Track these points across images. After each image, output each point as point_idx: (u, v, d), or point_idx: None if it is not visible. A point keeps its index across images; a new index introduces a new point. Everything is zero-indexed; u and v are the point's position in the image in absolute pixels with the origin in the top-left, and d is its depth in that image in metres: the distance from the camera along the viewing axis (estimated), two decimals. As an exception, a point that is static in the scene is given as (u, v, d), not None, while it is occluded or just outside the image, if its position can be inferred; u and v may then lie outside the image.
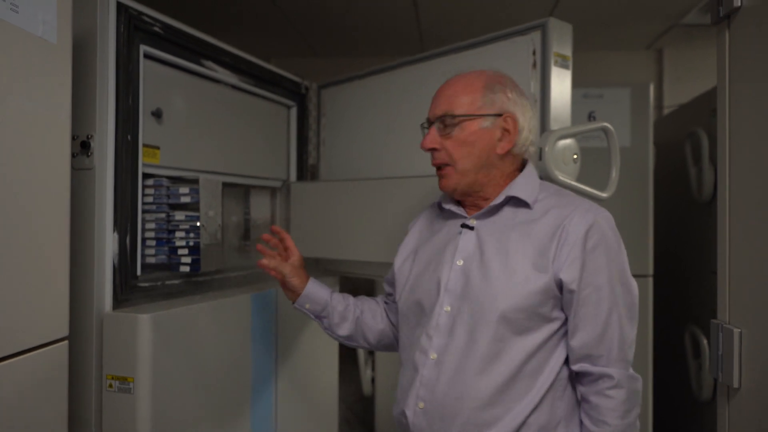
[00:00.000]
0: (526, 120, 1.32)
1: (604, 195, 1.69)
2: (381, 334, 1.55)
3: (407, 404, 1.30)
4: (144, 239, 1.67)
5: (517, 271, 1.23)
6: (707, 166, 2.44)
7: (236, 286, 1.95)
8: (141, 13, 1.56)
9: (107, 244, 1.48)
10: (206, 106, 1.88)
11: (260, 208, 2.24)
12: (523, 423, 1.21)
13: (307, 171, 2.40)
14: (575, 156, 1.67)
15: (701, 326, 2.48)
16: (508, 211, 1.31)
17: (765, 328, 1.23)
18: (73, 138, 1.44)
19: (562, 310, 1.25)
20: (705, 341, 2.42)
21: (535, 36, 1.68)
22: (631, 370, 1.24)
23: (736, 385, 1.28)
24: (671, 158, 2.90)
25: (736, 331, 1.28)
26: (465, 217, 1.35)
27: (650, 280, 2.52)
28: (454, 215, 1.38)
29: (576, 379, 1.26)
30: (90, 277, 1.47)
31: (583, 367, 1.22)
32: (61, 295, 1.25)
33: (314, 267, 2.39)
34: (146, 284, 1.61)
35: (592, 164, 1.90)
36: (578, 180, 1.66)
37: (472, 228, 1.32)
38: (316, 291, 1.53)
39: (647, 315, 2.51)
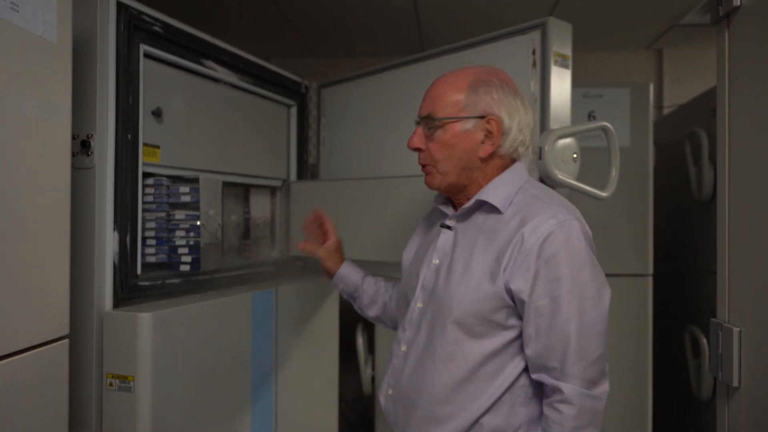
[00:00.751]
0: (515, 121, 1.27)
1: (603, 194, 1.69)
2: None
3: (381, 389, 1.40)
4: (144, 238, 1.67)
5: (473, 277, 1.23)
6: (707, 166, 2.44)
7: (236, 285, 1.95)
8: (141, 13, 1.56)
9: (107, 243, 1.48)
10: (206, 105, 1.88)
11: (260, 207, 2.24)
12: (476, 422, 1.22)
13: (307, 170, 2.40)
14: (575, 155, 1.67)
15: (701, 326, 2.48)
16: (480, 215, 1.30)
17: (764, 327, 1.23)
18: (74, 137, 1.44)
19: (519, 318, 1.22)
20: (704, 341, 2.42)
21: (535, 35, 1.68)
22: (591, 390, 1.16)
23: (735, 384, 1.28)
24: (671, 158, 2.90)
25: (736, 330, 1.28)
26: (446, 215, 1.38)
27: (650, 279, 2.52)
28: (444, 213, 1.40)
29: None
30: (90, 276, 1.47)
31: (540, 377, 1.20)
32: (62, 293, 1.25)
33: (314, 266, 2.39)
34: (146, 283, 1.61)
35: (592, 164, 1.90)
36: (578, 179, 1.66)
37: (450, 228, 1.34)
38: (349, 274, 1.63)
39: (647, 315, 2.51)
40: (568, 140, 1.65)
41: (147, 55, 1.61)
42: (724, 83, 1.42)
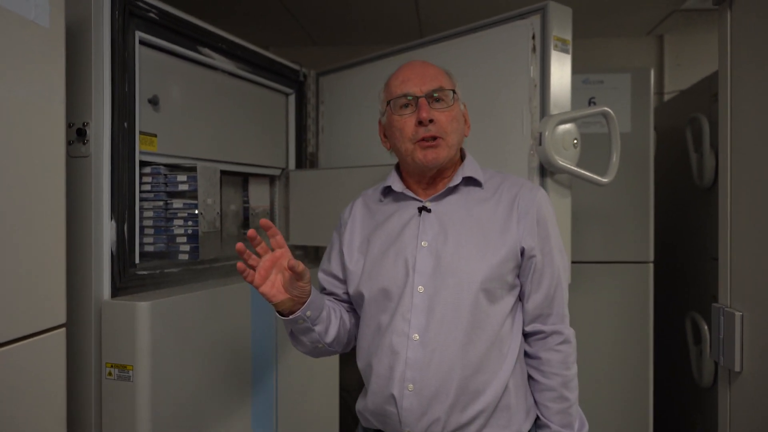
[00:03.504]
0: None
1: (604, 180, 1.68)
2: (350, 333, 1.46)
3: (393, 390, 1.27)
4: (142, 227, 1.66)
5: (489, 243, 1.32)
6: (708, 152, 2.43)
7: (235, 274, 1.94)
8: (136, -1, 1.55)
9: (105, 232, 1.47)
10: (204, 93, 1.86)
11: (259, 196, 2.23)
12: (506, 387, 1.29)
13: (305, 159, 2.39)
14: (575, 141, 1.65)
15: (702, 312, 2.48)
16: (463, 191, 1.39)
17: (766, 312, 1.22)
18: (69, 125, 1.43)
19: (518, 277, 1.35)
20: (705, 327, 2.42)
21: (535, 20, 1.67)
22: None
23: (737, 368, 1.28)
24: (672, 144, 2.88)
25: (738, 314, 1.28)
26: (418, 200, 1.39)
27: (650, 266, 2.51)
28: (404, 198, 1.41)
29: (525, 339, 1.36)
30: (88, 265, 1.46)
31: (536, 327, 1.34)
32: (58, 282, 1.24)
33: (313, 256, 2.39)
34: (145, 272, 1.61)
35: (593, 150, 1.89)
36: (578, 165, 1.65)
37: (429, 210, 1.37)
38: (315, 294, 1.33)
39: (648, 301, 2.50)
40: (568, 126, 1.64)
41: (143, 42, 1.60)
42: (726, 68, 1.40)
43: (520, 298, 1.36)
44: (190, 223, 1.72)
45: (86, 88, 1.45)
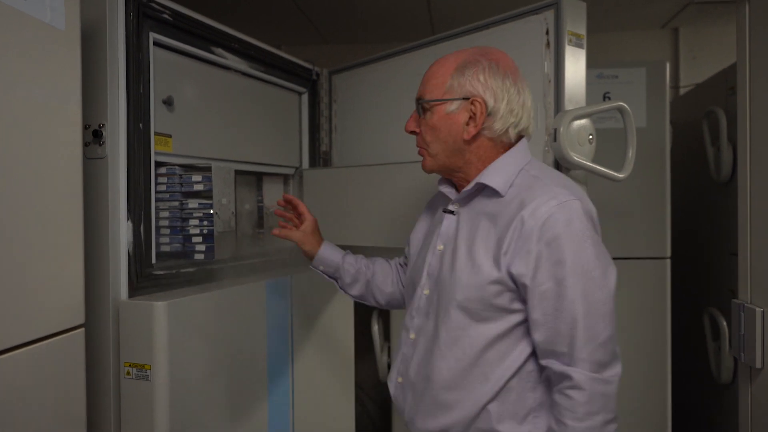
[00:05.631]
0: (502, 102, 1.25)
1: (620, 176, 1.66)
2: (390, 297, 1.62)
3: (391, 377, 1.41)
4: (158, 227, 1.67)
5: (476, 261, 1.22)
6: (725, 146, 2.40)
7: (251, 274, 1.95)
8: (150, 0, 1.55)
9: (122, 232, 1.48)
10: (217, 93, 1.87)
11: (273, 195, 2.24)
12: (483, 409, 1.21)
13: (319, 158, 2.39)
14: (591, 136, 1.64)
15: (720, 308, 2.45)
16: (482, 198, 1.28)
17: (788, 308, 1.21)
18: (86, 127, 1.44)
19: (522, 302, 1.20)
20: (724, 323, 2.39)
21: (549, 15, 1.65)
22: (602, 374, 1.15)
23: (759, 365, 1.26)
24: (688, 138, 2.85)
25: (759, 310, 1.26)
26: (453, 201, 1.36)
27: (668, 262, 2.49)
28: (444, 196, 1.39)
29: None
30: (105, 265, 1.47)
31: (548, 363, 1.18)
32: (76, 282, 1.26)
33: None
34: (161, 272, 1.62)
35: (608, 145, 1.87)
36: (594, 161, 1.63)
37: (453, 213, 1.33)
38: (329, 255, 1.63)
39: (665, 297, 2.48)
40: (583, 121, 1.62)
41: (157, 44, 1.60)
42: (744, 61, 1.38)
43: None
44: (205, 222, 1.73)
45: (102, 90, 1.46)
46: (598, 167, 1.62)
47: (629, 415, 2.49)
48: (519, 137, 1.31)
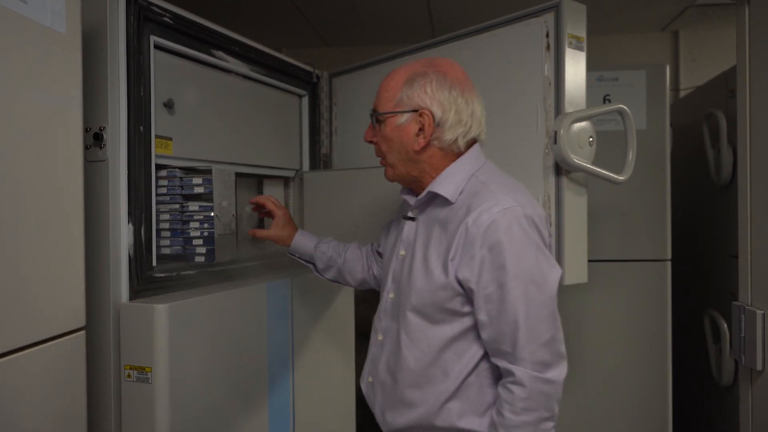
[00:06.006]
0: (449, 113, 1.29)
1: (620, 179, 1.67)
2: (362, 281, 1.74)
3: (363, 377, 1.48)
4: (158, 230, 1.67)
5: (428, 267, 1.28)
6: (725, 148, 2.40)
7: (251, 276, 1.95)
8: (150, 4, 1.56)
9: (122, 235, 1.48)
10: (218, 96, 1.87)
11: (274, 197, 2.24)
12: (443, 406, 1.28)
13: (319, 160, 2.39)
14: (591, 139, 1.64)
15: (721, 310, 2.45)
16: (436, 205, 1.34)
17: (788, 310, 1.21)
18: (86, 130, 1.45)
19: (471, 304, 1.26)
20: (725, 325, 2.39)
21: (549, 18, 1.65)
22: (543, 373, 1.19)
23: (759, 367, 1.26)
24: (688, 141, 2.86)
25: (760, 312, 1.26)
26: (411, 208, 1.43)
27: (668, 264, 2.49)
28: (408, 205, 1.44)
29: None
30: (106, 268, 1.47)
31: (496, 361, 1.25)
32: (77, 285, 1.26)
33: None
34: (162, 275, 1.62)
35: (608, 148, 1.87)
36: (594, 164, 1.64)
37: (413, 219, 1.39)
38: (302, 244, 1.76)
39: (665, 299, 2.48)
40: (583, 124, 1.63)
41: (157, 47, 1.61)
42: (744, 64, 1.39)
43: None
44: (205, 225, 1.73)
45: (102, 93, 1.46)
46: (599, 170, 1.62)
47: (630, 417, 2.50)
48: (471, 144, 1.36)
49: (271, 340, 1.89)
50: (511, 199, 1.23)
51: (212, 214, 1.72)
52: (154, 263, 1.60)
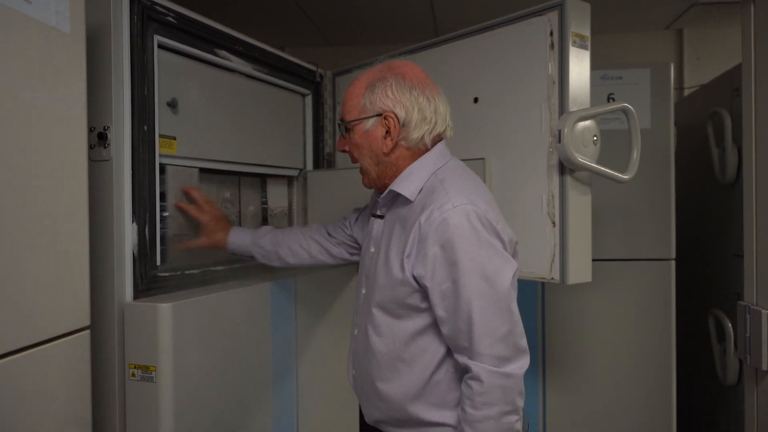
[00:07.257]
0: (413, 112, 1.32)
1: (624, 177, 1.66)
2: (312, 264, 1.77)
3: (348, 370, 1.51)
4: (163, 229, 1.67)
5: (389, 264, 1.32)
6: (730, 147, 2.40)
7: (255, 275, 1.95)
8: (154, 3, 1.56)
9: (127, 234, 1.49)
10: (221, 95, 1.87)
11: (277, 197, 2.24)
12: (415, 398, 1.31)
13: (323, 159, 2.39)
14: (595, 137, 1.64)
15: (725, 309, 2.44)
16: (398, 204, 1.37)
17: (794, 309, 1.20)
18: (90, 129, 1.45)
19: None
20: (729, 324, 2.38)
21: (553, 16, 1.65)
22: (501, 368, 1.20)
23: (764, 367, 1.26)
24: (692, 140, 2.85)
25: (764, 312, 1.26)
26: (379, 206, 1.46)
27: (672, 263, 2.48)
28: (377, 203, 1.48)
29: None
30: (110, 267, 1.48)
31: (458, 357, 1.26)
32: (82, 285, 1.26)
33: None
34: (166, 274, 1.62)
35: (613, 147, 1.87)
36: (598, 162, 1.63)
37: (381, 217, 1.42)
38: (239, 242, 1.75)
39: (670, 299, 2.47)
40: (587, 123, 1.62)
41: (161, 46, 1.61)
42: (749, 62, 1.38)
43: None
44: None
45: (106, 93, 1.46)
46: (603, 168, 1.62)
47: (635, 416, 2.49)
48: (437, 141, 1.39)
49: (275, 340, 1.89)
50: (464, 197, 1.25)
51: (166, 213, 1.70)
52: (159, 262, 1.61)
